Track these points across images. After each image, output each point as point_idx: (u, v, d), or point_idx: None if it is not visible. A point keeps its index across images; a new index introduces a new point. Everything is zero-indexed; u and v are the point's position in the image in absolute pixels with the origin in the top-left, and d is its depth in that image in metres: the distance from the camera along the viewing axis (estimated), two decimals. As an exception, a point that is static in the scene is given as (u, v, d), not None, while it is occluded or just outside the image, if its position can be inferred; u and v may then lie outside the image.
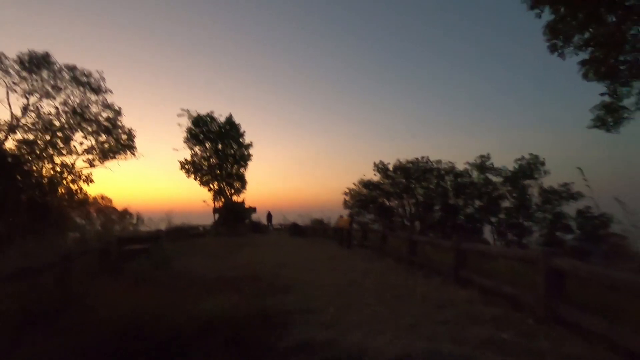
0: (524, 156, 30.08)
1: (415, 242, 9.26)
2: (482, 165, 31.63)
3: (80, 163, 21.61)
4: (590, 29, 10.29)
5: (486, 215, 31.37)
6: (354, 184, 35.80)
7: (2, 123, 16.89)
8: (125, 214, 39.95)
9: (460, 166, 33.15)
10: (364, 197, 35.48)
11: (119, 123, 21.89)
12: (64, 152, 21.47)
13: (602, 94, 11.22)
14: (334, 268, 8.21)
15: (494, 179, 31.51)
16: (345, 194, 35.46)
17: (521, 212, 29.65)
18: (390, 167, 35.04)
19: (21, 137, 18.11)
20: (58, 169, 21.92)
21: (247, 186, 28.47)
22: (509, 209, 30.33)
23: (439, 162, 33.41)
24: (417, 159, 34.85)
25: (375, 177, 35.25)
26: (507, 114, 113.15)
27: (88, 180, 20.70)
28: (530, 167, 29.64)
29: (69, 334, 3.35)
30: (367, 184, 35.33)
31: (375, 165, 35.40)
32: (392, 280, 6.88)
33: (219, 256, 10.85)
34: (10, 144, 17.95)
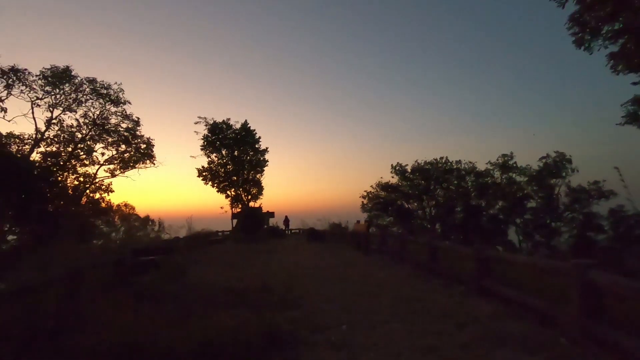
0: (549, 154, 28.85)
1: (435, 248, 8.85)
2: (505, 164, 30.56)
3: (102, 173, 22.20)
4: (621, 18, 9.61)
5: (510, 216, 30.22)
6: (371, 186, 35.31)
7: (27, 136, 17.49)
8: (147, 220, 40.95)
9: (481, 166, 32.19)
10: (382, 200, 34.94)
11: (138, 133, 22.39)
12: (87, 162, 22.15)
13: (634, 83, 10.45)
14: (349, 277, 7.92)
15: (518, 178, 30.37)
16: (363, 197, 34.97)
17: (548, 212, 28.39)
18: (409, 168, 34.41)
19: (45, 150, 18.72)
20: (82, 179, 22.61)
21: (264, 191, 28.63)
22: (535, 210, 29.11)
23: (459, 162, 32.54)
24: (435, 159, 34.11)
25: (393, 179, 34.68)
26: (530, 112, 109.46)
27: (108, 189, 21.18)
28: (556, 165, 28.37)
29: (67, 357, 3.23)
30: (385, 187, 34.78)
31: (393, 167, 34.83)
32: (410, 290, 6.53)
33: (234, 264, 10.74)
34: (35, 156, 18.61)
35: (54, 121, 18.38)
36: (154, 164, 24.25)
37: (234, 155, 26.70)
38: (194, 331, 3.59)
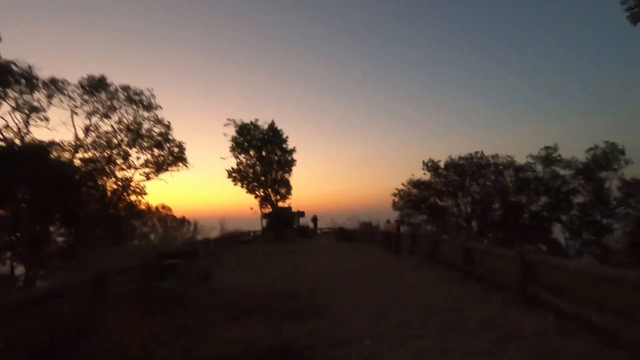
0: (597, 145, 26.55)
1: (470, 251, 8.19)
2: (548, 157, 28.51)
3: (137, 176, 23.07)
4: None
5: (555, 212, 28.18)
6: (402, 184, 34.29)
7: (67, 144, 18.46)
8: (183, 222, 42.32)
9: (521, 159, 30.27)
10: (414, 198, 33.85)
11: (170, 137, 23.05)
12: (124, 167, 23.09)
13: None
14: (377, 281, 7.47)
15: (563, 172, 28.23)
16: (394, 195, 34.04)
17: (598, 208, 26.17)
18: (441, 164, 33.07)
19: (84, 156, 19.68)
20: (120, 183, 23.61)
21: (293, 191, 28.58)
22: (583, 205, 26.94)
23: (495, 156, 30.79)
24: (470, 154, 32.52)
25: (425, 176, 33.45)
26: (574, 101, 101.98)
27: (142, 192, 21.97)
28: (606, 157, 26.07)
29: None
30: (417, 184, 33.65)
31: (425, 163, 33.61)
32: (443, 298, 5.99)
33: (260, 267, 10.61)
34: (75, 162, 19.60)
35: (91, 128, 19.29)
36: (187, 167, 24.88)
37: (261, 155, 26.88)
38: (201, 346, 3.34)
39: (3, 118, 16.98)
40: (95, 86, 18.56)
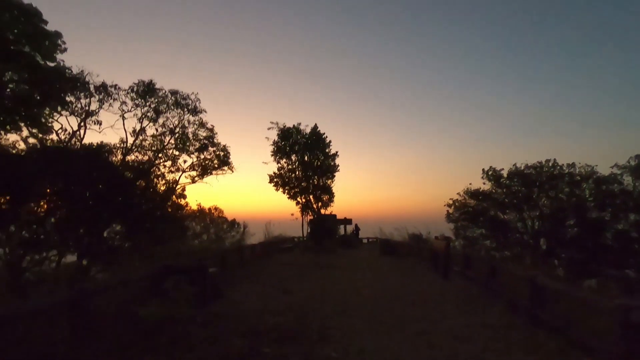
0: None
1: (541, 288, 6.29)
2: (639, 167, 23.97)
3: (183, 179, 23.51)
4: None
5: (648, 233, 23.50)
6: (458, 194, 31.33)
7: (118, 146, 19.20)
8: (233, 224, 43.15)
9: (604, 170, 25.86)
10: (471, 209, 30.68)
11: (216, 140, 23.16)
12: (172, 169, 23.70)
13: None
14: (412, 321, 5.92)
15: (659, 185, 23.49)
16: (448, 205, 31.20)
17: None
18: (504, 173, 29.55)
19: (134, 158, 20.38)
20: (170, 185, 24.26)
21: (336, 198, 27.29)
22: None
23: (571, 165, 26.70)
24: (540, 162, 28.65)
25: (485, 185, 30.15)
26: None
27: (181, 195, 22.30)
28: None
29: None
30: (474, 194, 30.44)
31: (485, 172, 30.32)
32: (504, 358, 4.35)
33: (285, 285, 9.50)
34: (126, 164, 20.38)
35: (141, 131, 19.91)
36: (232, 171, 24.89)
37: (303, 160, 26.05)
38: None
39: (58, 122, 18.10)
40: (146, 91, 19.14)
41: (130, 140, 19.75)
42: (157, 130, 20.07)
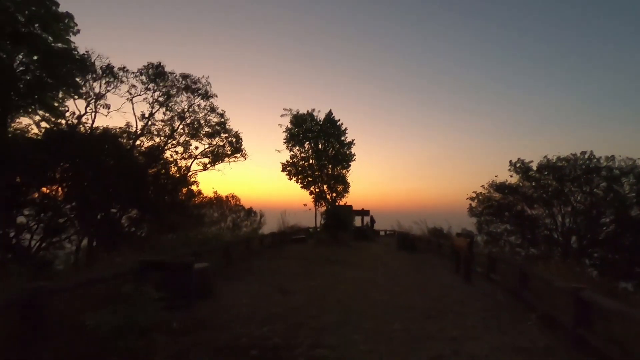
0: None
1: (587, 305, 5.12)
2: (691, 161, 21.60)
3: (194, 166, 23.03)
4: None
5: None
6: (482, 187, 29.57)
7: (128, 130, 18.76)
8: (250, 212, 42.82)
9: (647, 163, 23.54)
10: (495, 203, 28.90)
11: (228, 126, 22.50)
12: (185, 155, 23.24)
13: None
14: (427, 338, 4.90)
15: None
16: (472, 198, 29.55)
17: None
18: (534, 166, 27.53)
19: (145, 143, 19.96)
20: (182, 172, 23.87)
21: (351, 188, 26.08)
22: None
23: (610, 158, 24.45)
24: (574, 155, 26.45)
25: (512, 178, 28.26)
26: None
27: (190, 182, 21.81)
28: None
29: None
30: (500, 187, 28.60)
31: (512, 164, 28.37)
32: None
33: (287, 284, 8.65)
34: (138, 148, 20.01)
35: (150, 115, 19.42)
36: (244, 158, 24.24)
37: (317, 148, 24.88)
38: None
39: (68, 106, 17.78)
40: (155, 74, 18.56)
41: (140, 124, 19.30)
42: (165, 114, 19.52)
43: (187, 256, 7.20)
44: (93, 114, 18.27)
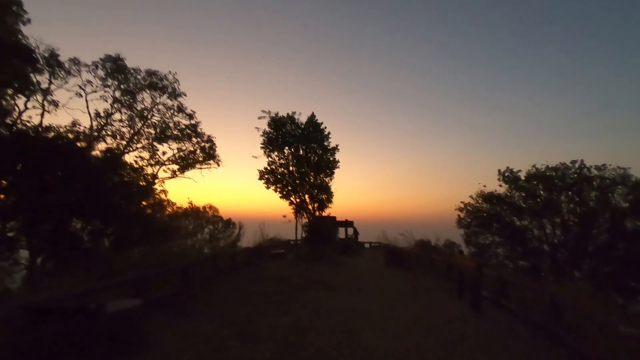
0: None
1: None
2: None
3: (162, 174, 20.76)
4: None
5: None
6: (470, 197, 28.46)
7: (82, 131, 16.44)
8: (229, 223, 40.22)
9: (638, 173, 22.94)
10: (484, 214, 27.76)
11: (199, 130, 20.42)
12: (152, 161, 20.94)
13: None
14: None
15: None
16: (460, 209, 28.34)
17: None
18: (522, 175, 26.62)
19: (105, 145, 17.65)
20: (148, 179, 21.50)
21: (335, 198, 24.14)
22: None
23: (601, 167, 23.72)
24: (563, 163, 25.70)
25: (501, 188, 27.24)
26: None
27: (155, 190, 19.50)
28: None
29: None
30: (488, 197, 27.52)
31: (501, 173, 27.37)
32: None
33: (252, 320, 6.69)
34: (95, 152, 17.65)
35: (111, 115, 17.17)
36: (218, 165, 22.15)
37: (299, 154, 22.89)
38: None
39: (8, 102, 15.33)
40: (114, 68, 16.40)
41: (96, 124, 16.96)
42: (126, 114, 17.29)
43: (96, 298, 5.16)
44: (42, 112, 15.83)
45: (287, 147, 22.83)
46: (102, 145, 17.43)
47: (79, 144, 17.25)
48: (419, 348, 5.36)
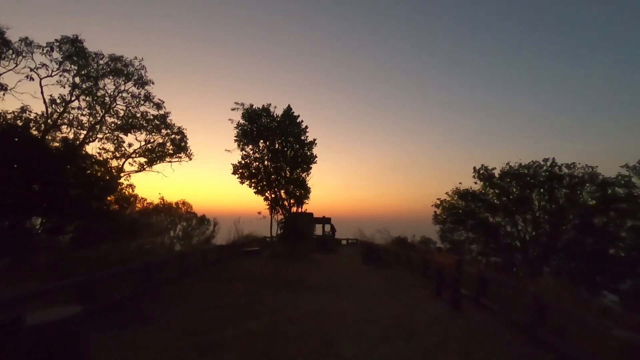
0: None
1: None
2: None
3: (127, 167, 19.46)
4: None
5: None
6: (447, 193, 28.76)
7: (32, 118, 14.98)
8: (203, 220, 38.78)
9: (609, 172, 23.78)
10: (459, 211, 28.08)
11: (169, 121, 19.26)
12: (117, 154, 19.59)
13: None
14: None
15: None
16: (436, 206, 28.54)
17: None
18: (497, 173, 27.08)
19: (62, 134, 16.23)
20: (113, 172, 20.10)
21: (311, 194, 23.51)
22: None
23: (571, 166, 24.38)
24: (535, 162, 26.31)
25: (476, 185, 27.63)
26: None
27: (121, 184, 18.26)
28: None
29: None
30: (464, 194, 27.86)
31: (476, 170, 27.75)
32: None
33: (214, 327, 6.03)
34: (53, 142, 16.20)
35: (70, 102, 15.76)
36: (190, 158, 21.03)
37: (274, 148, 22.06)
38: None
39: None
40: (71, 51, 15.04)
41: (51, 111, 15.51)
42: (84, 100, 15.94)
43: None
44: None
45: (262, 141, 21.95)
46: (58, 134, 16.01)
47: (31, 132, 15.78)
48: (398, 353, 4.88)
